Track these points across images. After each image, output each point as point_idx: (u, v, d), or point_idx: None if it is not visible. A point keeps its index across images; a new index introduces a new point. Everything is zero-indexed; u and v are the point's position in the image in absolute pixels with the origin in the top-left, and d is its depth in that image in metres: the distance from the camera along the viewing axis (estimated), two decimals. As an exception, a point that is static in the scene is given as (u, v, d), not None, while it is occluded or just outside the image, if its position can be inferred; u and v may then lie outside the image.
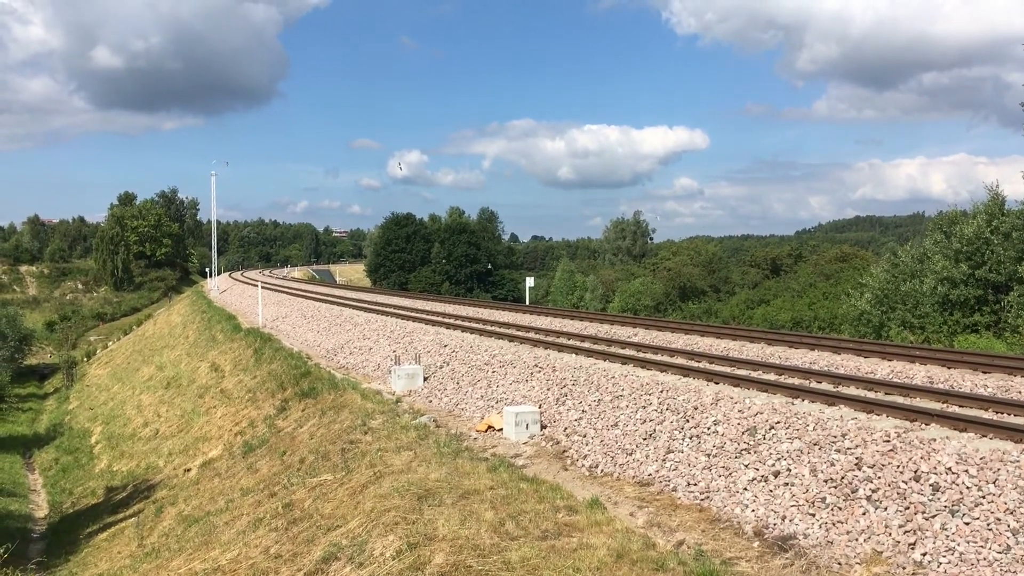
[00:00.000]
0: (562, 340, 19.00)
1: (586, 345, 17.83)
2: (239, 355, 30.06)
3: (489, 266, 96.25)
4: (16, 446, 37.63)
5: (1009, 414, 9.86)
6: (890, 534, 7.51)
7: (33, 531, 24.10)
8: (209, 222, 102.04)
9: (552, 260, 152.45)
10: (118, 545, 18.02)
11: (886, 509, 7.81)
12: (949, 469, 7.92)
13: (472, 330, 22.25)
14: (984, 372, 12.73)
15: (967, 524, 7.24)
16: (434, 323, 24.73)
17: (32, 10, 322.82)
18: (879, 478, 8.23)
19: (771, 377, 12.99)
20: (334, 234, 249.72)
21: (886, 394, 11.33)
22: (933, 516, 7.48)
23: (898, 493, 7.92)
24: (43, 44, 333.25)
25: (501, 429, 13.15)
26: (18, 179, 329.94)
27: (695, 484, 9.62)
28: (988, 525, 7.14)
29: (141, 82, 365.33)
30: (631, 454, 10.88)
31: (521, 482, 9.96)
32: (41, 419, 46.31)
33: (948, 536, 7.21)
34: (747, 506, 8.79)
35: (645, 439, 11.10)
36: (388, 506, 9.57)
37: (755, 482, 9.13)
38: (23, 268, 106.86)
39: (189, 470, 21.04)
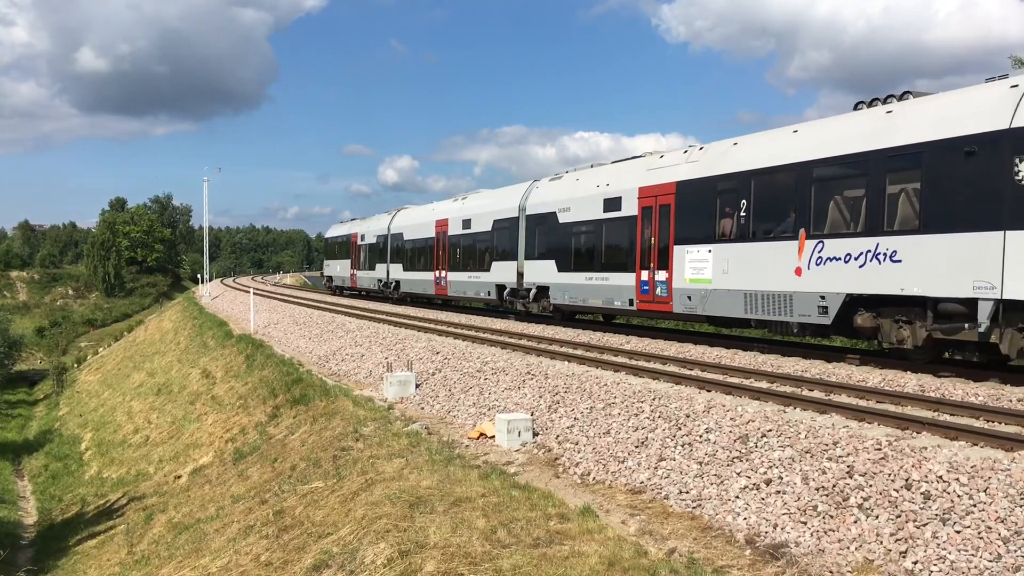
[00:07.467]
0: (555, 347, 19.00)
1: (579, 352, 17.84)
2: (230, 361, 29.95)
3: None
4: (5, 452, 37.36)
5: (1000, 423, 9.90)
6: (881, 542, 7.52)
7: (22, 538, 23.92)
8: (201, 228, 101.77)
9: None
10: (107, 552, 17.90)
11: (877, 517, 7.82)
12: (940, 477, 7.93)
13: (464, 337, 22.23)
14: (976, 381, 12.78)
15: (958, 532, 7.24)
16: (426, 330, 24.70)
17: (15, 11, 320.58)
18: (870, 486, 8.24)
19: (763, 385, 13.01)
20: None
21: (878, 402, 11.37)
22: (924, 524, 7.49)
23: (889, 501, 7.93)
24: (28, 47, 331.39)
25: (493, 436, 13.12)
26: (8, 184, 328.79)
27: (687, 492, 9.61)
28: (979, 533, 7.15)
29: (128, 86, 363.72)
30: (623, 462, 10.87)
31: (513, 489, 9.92)
32: (31, 425, 46.03)
33: (939, 544, 7.22)
34: (739, 514, 8.79)
35: (637, 447, 11.10)
36: (379, 513, 9.53)
37: (747, 490, 9.13)
38: (13, 274, 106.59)
39: (179, 477, 20.93)
